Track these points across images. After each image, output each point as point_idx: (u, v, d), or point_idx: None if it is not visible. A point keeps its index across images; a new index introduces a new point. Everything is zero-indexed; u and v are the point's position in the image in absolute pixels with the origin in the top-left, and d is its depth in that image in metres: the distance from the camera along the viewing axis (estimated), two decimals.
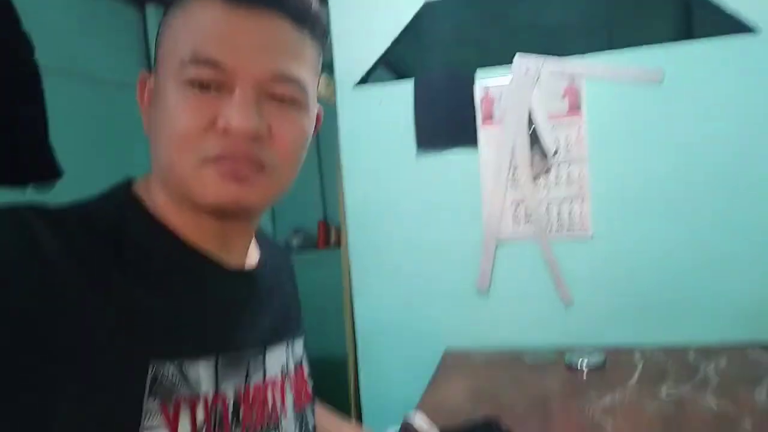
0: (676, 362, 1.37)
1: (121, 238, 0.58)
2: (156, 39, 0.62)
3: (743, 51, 1.43)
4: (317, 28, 0.63)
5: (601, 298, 1.56)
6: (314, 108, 0.66)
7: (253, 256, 0.73)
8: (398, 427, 1.18)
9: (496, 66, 1.61)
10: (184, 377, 0.56)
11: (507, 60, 1.59)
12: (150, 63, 2.81)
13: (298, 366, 0.75)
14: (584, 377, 1.35)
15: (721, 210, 1.47)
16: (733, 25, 1.45)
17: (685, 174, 1.48)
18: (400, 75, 2.45)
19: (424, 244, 1.68)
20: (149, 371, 0.53)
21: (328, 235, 3.65)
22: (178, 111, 0.56)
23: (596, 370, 1.38)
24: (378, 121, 1.69)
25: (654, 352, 1.46)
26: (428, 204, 1.67)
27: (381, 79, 1.76)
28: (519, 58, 1.57)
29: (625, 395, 1.21)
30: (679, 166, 1.49)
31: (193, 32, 0.57)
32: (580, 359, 1.41)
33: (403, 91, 1.66)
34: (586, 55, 1.53)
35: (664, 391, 1.21)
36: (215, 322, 0.62)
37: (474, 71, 1.62)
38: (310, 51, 0.63)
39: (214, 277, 0.64)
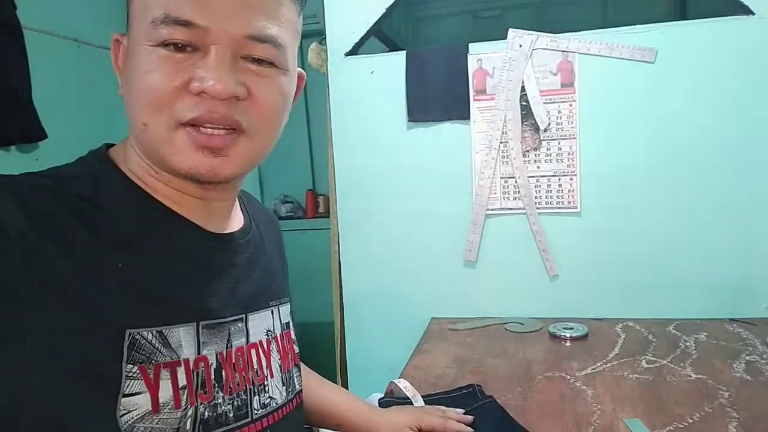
0: (657, 335, 1.40)
1: (93, 202, 0.57)
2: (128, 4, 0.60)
3: (736, 32, 1.44)
4: None
5: (586, 271, 1.59)
6: (294, 70, 0.64)
7: (236, 222, 0.72)
8: (383, 393, 1.21)
9: (490, 40, 1.60)
10: (165, 342, 0.56)
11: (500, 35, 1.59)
12: None
13: (285, 330, 0.76)
14: (567, 347, 1.38)
15: (707, 189, 1.49)
16: (728, 7, 1.46)
17: (673, 153, 1.50)
18: (392, 47, 2.43)
19: (413, 214, 1.69)
20: (126, 337, 0.53)
21: (317, 205, 3.65)
22: (151, 72, 0.54)
23: (579, 340, 1.41)
24: (369, 92, 1.68)
25: (636, 325, 1.49)
26: (418, 175, 1.68)
27: (373, 50, 1.75)
28: (512, 33, 1.56)
29: (606, 365, 1.24)
30: (667, 145, 1.50)
31: None
32: (564, 330, 1.44)
33: (396, 62, 1.65)
34: (580, 33, 1.53)
35: (644, 362, 1.24)
36: (195, 286, 0.62)
37: (467, 44, 1.61)
38: (287, 10, 0.60)
39: (194, 240, 0.63)
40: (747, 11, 1.43)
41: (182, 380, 0.57)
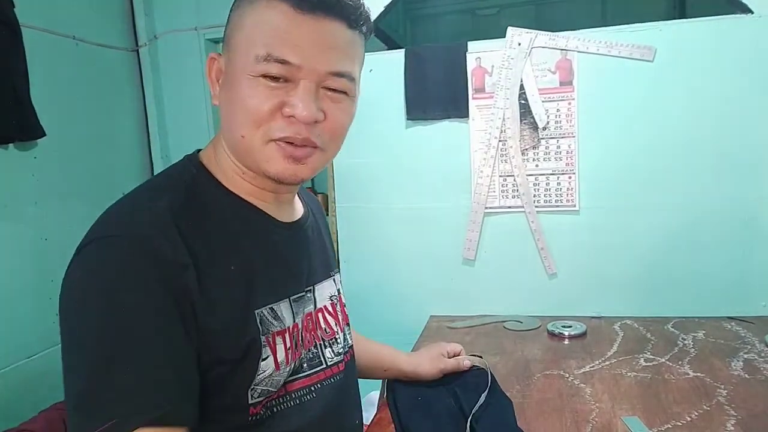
0: (655, 333, 1.41)
1: (204, 211, 0.72)
2: (227, 27, 0.74)
3: (735, 31, 1.44)
4: (366, 27, 0.75)
5: (584, 270, 1.59)
6: (358, 93, 0.78)
7: (298, 210, 0.88)
8: (378, 392, 1.21)
9: (488, 38, 1.60)
10: (275, 316, 0.75)
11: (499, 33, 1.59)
12: (134, 24, 2.75)
13: (339, 294, 0.94)
14: (566, 345, 1.38)
15: (706, 187, 1.49)
16: (727, 5, 1.46)
17: (671, 153, 1.50)
18: (391, 45, 2.43)
19: (412, 212, 1.69)
20: (256, 316, 0.72)
21: None
22: (252, 97, 0.68)
23: (578, 338, 1.41)
24: (368, 90, 1.65)
25: (634, 323, 1.49)
26: (416, 173, 1.68)
27: (372, 48, 1.74)
28: (511, 31, 1.56)
29: (604, 363, 1.24)
30: (666, 144, 1.50)
31: (266, 34, 0.67)
32: (563, 328, 1.44)
33: (394, 60, 1.65)
34: (578, 31, 1.53)
35: (642, 360, 1.24)
36: (282, 268, 0.79)
37: (466, 43, 1.61)
38: (359, 48, 0.75)
39: (275, 231, 0.80)
40: (746, 10, 1.43)
41: (288, 343, 0.75)
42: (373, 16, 1.62)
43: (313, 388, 0.80)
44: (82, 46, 2.35)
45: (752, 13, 1.42)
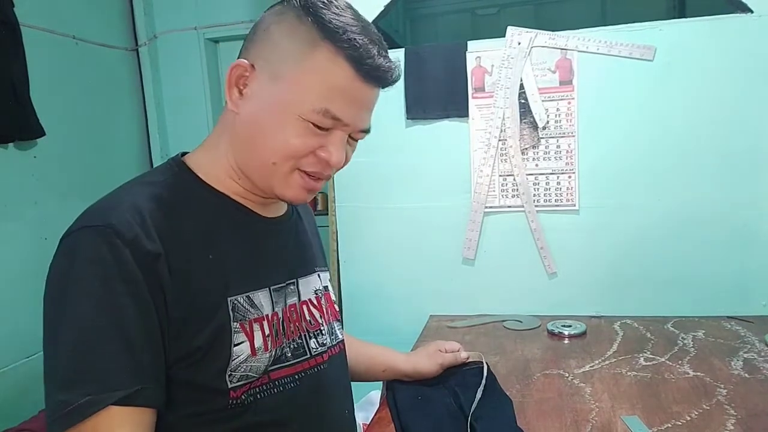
0: (655, 333, 1.41)
1: (184, 205, 0.76)
2: (264, 40, 0.75)
3: (735, 30, 1.44)
4: None
5: (584, 269, 1.59)
6: None
7: (282, 208, 0.91)
8: (380, 391, 1.21)
9: (488, 38, 1.60)
10: (252, 303, 0.78)
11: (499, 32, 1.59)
12: (133, 24, 2.74)
13: (325, 292, 0.95)
14: (565, 345, 1.38)
15: (706, 187, 1.49)
16: (727, 5, 1.46)
17: (671, 152, 1.50)
18: (390, 44, 2.43)
19: (412, 212, 1.69)
20: (229, 303, 0.75)
21: (315, 202, 3.64)
22: (297, 137, 0.74)
23: (577, 338, 1.41)
24: None
25: (634, 322, 1.49)
26: (416, 172, 1.68)
27: None
28: (511, 31, 1.56)
29: (604, 363, 1.24)
30: (666, 143, 1.50)
31: (327, 89, 0.72)
32: (562, 327, 1.44)
33: (394, 60, 1.64)
34: (578, 30, 1.53)
35: (642, 359, 1.24)
36: (263, 259, 0.83)
37: (465, 42, 1.61)
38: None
39: (257, 225, 0.84)
40: (746, 9, 1.43)
41: (267, 330, 0.78)
42: (373, 16, 1.63)
43: (297, 377, 0.82)
44: (81, 45, 2.35)
45: (752, 12, 1.42)
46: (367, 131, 0.80)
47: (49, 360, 0.66)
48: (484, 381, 1.06)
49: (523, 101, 1.57)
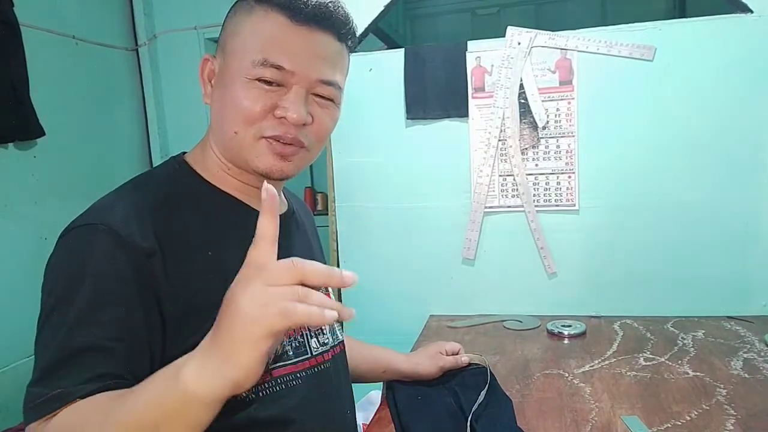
0: (655, 333, 1.41)
1: (187, 202, 0.77)
2: (223, 32, 0.80)
3: (735, 30, 1.44)
4: (352, 41, 0.83)
5: (584, 269, 1.59)
6: (342, 101, 0.85)
7: (282, 206, 0.91)
8: (380, 390, 1.21)
9: (488, 38, 1.60)
10: None
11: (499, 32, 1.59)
12: (133, 24, 2.75)
13: (326, 291, 0.94)
14: (565, 345, 1.38)
15: (706, 187, 1.49)
16: (727, 5, 1.46)
17: (671, 152, 1.50)
18: (390, 44, 2.43)
19: (411, 212, 1.69)
20: None
21: (315, 202, 3.64)
22: (247, 98, 0.74)
23: (577, 338, 1.41)
24: (367, 90, 1.68)
25: (634, 322, 1.49)
26: (416, 172, 1.68)
27: (371, 48, 1.74)
28: (511, 31, 1.56)
29: (604, 363, 1.24)
30: (666, 143, 1.50)
31: (262, 41, 0.74)
32: (562, 327, 1.44)
33: (394, 59, 1.65)
34: (578, 30, 1.53)
35: (642, 359, 1.24)
36: None
37: (465, 42, 1.61)
38: (345, 59, 0.83)
39: (256, 221, 0.81)
40: (746, 9, 1.43)
41: None
42: (373, 16, 1.63)
43: (298, 375, 0.83)
44: (81, 45, 2.36)
45: (752, 12, 1.42)
46: (330, 83, 0.79)
47: (38, 348, 0.67)
48: (488, 383, 1.06)
49: (523, 101, 1.57)
